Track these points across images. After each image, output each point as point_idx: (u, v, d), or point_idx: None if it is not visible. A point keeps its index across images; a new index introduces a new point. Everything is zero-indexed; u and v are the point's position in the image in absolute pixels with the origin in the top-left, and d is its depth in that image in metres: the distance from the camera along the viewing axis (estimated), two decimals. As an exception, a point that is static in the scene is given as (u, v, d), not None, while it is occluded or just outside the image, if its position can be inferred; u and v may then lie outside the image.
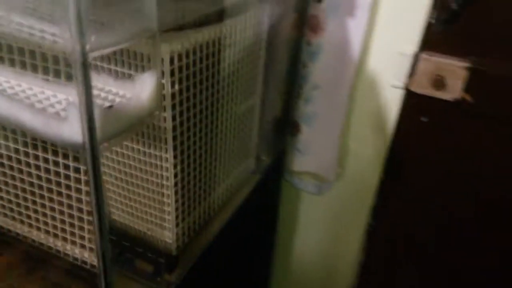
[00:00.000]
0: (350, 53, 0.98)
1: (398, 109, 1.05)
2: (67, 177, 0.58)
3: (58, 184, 0.60)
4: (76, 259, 0.67)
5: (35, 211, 0.66)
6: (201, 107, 0.68)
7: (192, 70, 0.62)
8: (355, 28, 0.96)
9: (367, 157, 1.14)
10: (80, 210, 0.61)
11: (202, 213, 0.79)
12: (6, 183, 0.65)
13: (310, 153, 1.11)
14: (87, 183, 0.56)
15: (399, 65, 0.99)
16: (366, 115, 1.09)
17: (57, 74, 0.55)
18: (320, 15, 0.95)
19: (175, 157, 0.65)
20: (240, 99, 0.81)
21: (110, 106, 0.48)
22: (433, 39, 0.95)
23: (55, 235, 0.67)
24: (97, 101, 0.51)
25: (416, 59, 0.97)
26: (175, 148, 0.64)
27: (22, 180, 0.63)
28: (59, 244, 0.67)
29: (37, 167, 0.61)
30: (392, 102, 1.05)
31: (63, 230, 0.65)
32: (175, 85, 0.59)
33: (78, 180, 0.58)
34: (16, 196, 0.66)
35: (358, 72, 1.04)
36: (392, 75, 1.01)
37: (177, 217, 0.70)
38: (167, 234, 0.70)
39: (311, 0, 0.94)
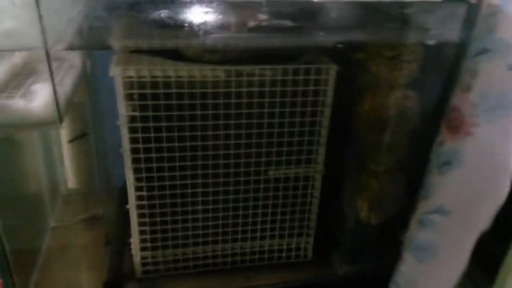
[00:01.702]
0: (503, 177, 0.58)
1: None
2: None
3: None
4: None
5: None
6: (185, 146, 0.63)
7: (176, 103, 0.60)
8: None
9: None
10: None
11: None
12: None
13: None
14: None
15: None
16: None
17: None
18: (467, 111, 0.60)
19: (137, 180, 0.65)
20: (267, 162, 0.67)
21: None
22: None
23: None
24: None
25: None
26: (136, 171, 0.64)
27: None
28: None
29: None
30: None
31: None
32: (135, 110, 0.60)
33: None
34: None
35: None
36: None
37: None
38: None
39: (458, 85, 0.62)
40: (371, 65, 0.63)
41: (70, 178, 0.89)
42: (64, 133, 0.85)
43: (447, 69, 0.62)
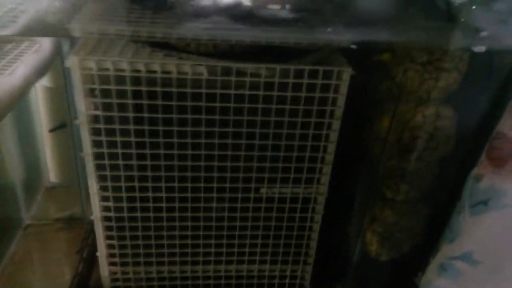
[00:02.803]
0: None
1: None
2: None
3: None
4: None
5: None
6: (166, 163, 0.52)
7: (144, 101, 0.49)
8: None
9: None
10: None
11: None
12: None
13: None
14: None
15: None
16: None
17: None
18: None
19: (102, 189, 0.55)
20: (259, 178, 0.56)
21: None
22: None
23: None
24: None
25: None
26: (101, 179, 0.54)
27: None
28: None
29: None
30: None
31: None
32: (98, 109, 0.49)
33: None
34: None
35: None
36: None
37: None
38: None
39: (510, 106, 0.47)
40: (397, 71, 0.49)
41: (51, 171, 0.80)
42: (46, 121, 0.76)
43: (497, 84, 0.48)
